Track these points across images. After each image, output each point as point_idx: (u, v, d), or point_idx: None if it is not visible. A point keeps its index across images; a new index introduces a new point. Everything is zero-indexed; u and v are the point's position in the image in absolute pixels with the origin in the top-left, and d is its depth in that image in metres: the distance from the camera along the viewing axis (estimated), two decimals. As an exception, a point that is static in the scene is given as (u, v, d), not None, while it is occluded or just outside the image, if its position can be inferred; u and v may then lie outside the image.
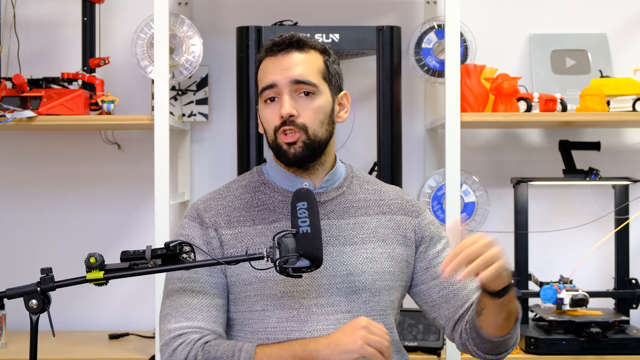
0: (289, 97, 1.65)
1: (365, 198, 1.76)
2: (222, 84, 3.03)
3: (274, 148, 1.69)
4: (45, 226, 3.04)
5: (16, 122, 2.60)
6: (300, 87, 1.66)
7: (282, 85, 1.66)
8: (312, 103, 1.67)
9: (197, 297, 1.64)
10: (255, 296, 1.65)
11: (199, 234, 1.70)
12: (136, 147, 3.03)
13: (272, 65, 1.68)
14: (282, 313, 1.63)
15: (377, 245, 1.71)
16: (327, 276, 1.65)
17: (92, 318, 3.03)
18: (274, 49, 1.68)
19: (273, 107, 1.67)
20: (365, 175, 1.83)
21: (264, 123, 1.70)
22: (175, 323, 1.62)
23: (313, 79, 1.67)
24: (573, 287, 2.71)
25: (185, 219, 1.75)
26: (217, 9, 3.05)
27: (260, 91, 1.69)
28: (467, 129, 2.98)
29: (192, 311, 1.63)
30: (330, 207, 1.71)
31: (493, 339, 1.65)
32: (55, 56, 3.01)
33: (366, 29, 2.67)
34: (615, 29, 3.05)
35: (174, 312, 1.63)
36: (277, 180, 1.74)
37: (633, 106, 2.68)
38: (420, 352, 2.65)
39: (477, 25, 2.89)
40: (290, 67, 1.66)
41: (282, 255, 1.48)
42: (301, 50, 1.68)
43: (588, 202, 3.00)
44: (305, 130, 1.65)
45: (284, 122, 1.65)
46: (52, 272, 1.50)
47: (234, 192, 1.75)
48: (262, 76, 1.70)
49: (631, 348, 2.60)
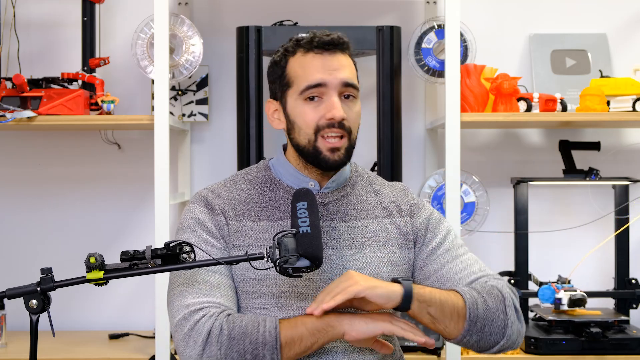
0: (338, 99, 1.62)
1: (367, 201, 1.74)
2: (222, 84, 3.03)
3: (309, 150, 1.64)
4: (45, 226, 3.04)
5: (16, 122, 2.60)
6: (347, 90, 1.64)
7: (332, 85, 1.62)
8: (355, 107, 1.66)
9: (213, 276, 1.60)
10: (254, 293, 1.64)
11: (209, 218, 1.66)
12: (136, 147, 3.03)
13: (319, 63, 1.63)
14: (278, 313, 1.62)
15: (377, 250, 1.69)
16: (325, 279, 1.64)
17: (92, 318, 3.03)
18: (322, 46, 1.64)
19: (316, 106, 1.63)
20: (369, 175, 1.81)
21: (301, 121, 1.64)
22: (194, 298, 1.57)
23: (356, 82, 1.66)
24: (571, 287, 2.71)
25: (192, 205, 1.70)
26: (217, 9, 3.05)
27: (303, 88, 1.63)
28: (467, 129, 2.98)
29: (210, 288, 1.59)
30: (333, 209, 1.70)
31: (455, 341, 1.62)
32: (55, 56, 3.02)
33: (366, 29, 2.67)
34: (615, 29, 3.05)
35: (190, 288, 1.58)
36: (284, 178, 1.72)
37: (633, 106, 2.68)
38: (420, 352, 2.65)
39: (477, 25, 2.89)
40: (339, 69, 1.63)
41: (282, 255, 1.48)
42: (344, 52, 1.66)
43: (588, 202, 3.00)
44: (349, 134, 1.64)
45: (332, 125, 1.61)
46: (52, 272, 1.50)
47: (240, 186, 1.73)
48: (302, 72, 1.63)
49: (631, 348, 2.60)
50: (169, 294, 1.64)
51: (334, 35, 1.65)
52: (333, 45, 1.64)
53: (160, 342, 2.48)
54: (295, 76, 1.65)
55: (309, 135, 1.63)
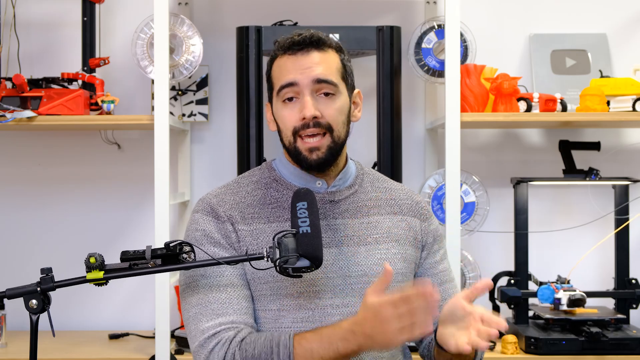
0: (310, 97, 1.62)
1: (377, 197, 1.75)
2: (222, 84, 3.03)
3: (291, 151, 1.65)
4: (45, 226, 3.04)
5: (16, 122, 2.60)
6: (322, 87, 1.63)
7: (303, 84, 1.62)
8: (334, 103, 1.64)
9: (225, 291, 1.60)
10: (272, 295, 1.63)
11: (215, 228, 1.65)
12: (136, 147, 3.03)
13: (291, 63, 1.63)
14: (297, 314, 1.62)
15: (391, 246, 1.70)
16: (342, 276, 1.64)
17: (92, 318, 3.03)
18: (293, 47, 1.64)
19: (292, 107, 1.63)
20: (374, 173, 1.82)
21: (280, 123, 1.66)
22: (208, 322, 1.58)
23: (334, 78, 1.64)
24: (570, 287, 2.71)
25: (197, 214, 1.69)
26: (217, 9, 3.05)
27: (278, 89, 1.64)
28: (467, 129, 2.98)
29: (222, 306, 1.59)
30: (344, 207, 1.70)
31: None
32: (55, 56, 3.01)
33: (366, 29, 2.67)
34: (615, 29, 3.05)
35: (204, 309, 1.59)
36: (290, 178, 1.71)
37: (633, 106, 2.68)
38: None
39: (477, 25, 2.89)
40: (311, 67, 1.63)
41: (282, 255, 1.48)
42: (320, 49, 1.65)
43: (588, 202, 3.00)
44: (330, 131, 1.63)
45: (306, 125, 1.61)
46: (52, 272, 1.50)
47: (245, 188, 1.72)
48: (279, 74, 1.65)
49: (631, 348, 2.59)
50: (184, 313, 1.64)
51: (306, 33, 1.65)
52: (305, 44, 1.63)
53: (160, 342, 2.48)
54: (275, 79, 1.67)
55: (289, 137, 1.65)
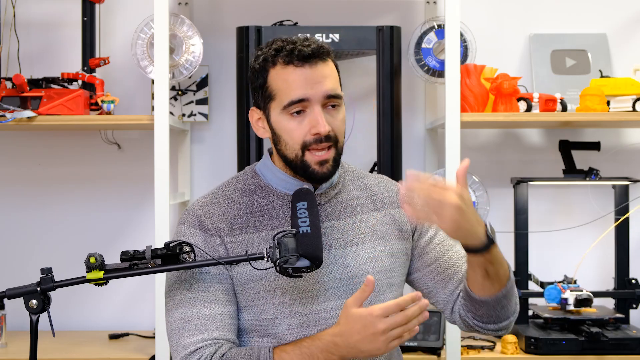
0: (322, 112, 1.60)
1: (359, 195, 1.74)
2: (222, 84, 3.03)
3: (297, 164, 1.62)
4: (45, 226, 3.04)
5: (16, 122, 2.60)
6: (331, 101, 1.61)
7: (315, 99, 1.59)
8: (339, 115, 1.63)
9: (209, 307, 1.60)
10: (264, 305, 1.62)
11: (202, 242, 1.63)
12: (136, 147, 3.03)
13: (298, 77, 1.58)
14: (292, 320, 1.61)
15: (377, 244, 1.70)
16: (332, 279, 1.64)
17: (92, 318, 3.03)
18: (302, 59, 1.58)
19: (300, 121, 1.60)
20: (354, 169, 1.81)
21: (286, 136, 1.62)
22: (190, 337, 1.58)
23: (339, 91, 1.63)
24: (577, 287, 2.71)
25: (183, 226, 1.66)
26: (217, 9, 3.05)
27: (286, 104, 1.59)
28: (467, 129, 2.98)
29: (206, 322, 1.59)
30: (329, 208, 1.70)
31: (484, 299, 1.62)
32: (55, 56, 3.01)
33: (366, 29, 2.67)
34: (615, 29, 3.05)
35: (187, 324, 1.59)
36: (275, 183, 1.69)
37: (633, 106, 2.68)
38: (420, 352, 2.65)
39: (477, 25, 2.89)
40: (321, 81, 1.59)
41: (282, 255, 1.48)
42: (324, 60, 1.61)
43: (588, 202, 3.00)
44: (336, 143, 1.62)
45: (319, 140, 1.59)
46: (52, 272, 1.50)
47: (230, 196, 1.69)
48: (285, 87, 1.59)
49: (631, 348, 2.60)
50: (167, 325, 1.64)
51: (314, 45, 1.60)
52: (314, 56, 1.59)
53: (160, 342, 2.48)
54: (278, 89, 1.61)
55: (295, 150, 1.61)
